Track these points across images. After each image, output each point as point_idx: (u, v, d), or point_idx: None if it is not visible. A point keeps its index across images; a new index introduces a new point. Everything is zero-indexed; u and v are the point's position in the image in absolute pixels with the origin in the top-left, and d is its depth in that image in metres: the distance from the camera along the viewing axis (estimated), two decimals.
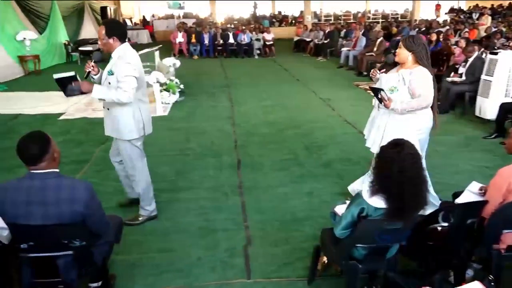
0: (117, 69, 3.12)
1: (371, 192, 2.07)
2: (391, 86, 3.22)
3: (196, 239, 3.32)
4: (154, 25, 22.76)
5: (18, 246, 2.07)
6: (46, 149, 2.06)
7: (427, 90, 3.13)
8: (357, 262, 2.23)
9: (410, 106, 3.15)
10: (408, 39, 3.23)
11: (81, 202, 2.05)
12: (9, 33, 10.54)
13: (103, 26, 3.18)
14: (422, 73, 3.14)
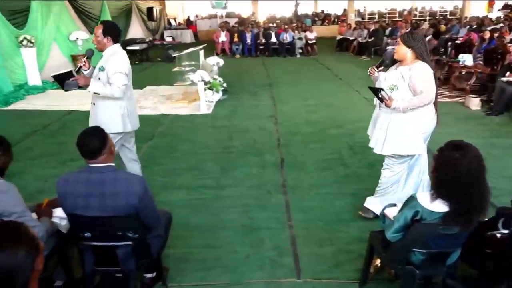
0: (108, 66, 3.30)
1: (430, 196, 2.00)
2: (391, 85, 3.12)
3: (241, 236, 3.34)
4: (197, 25, 23.17)
5: (82, 234, 2.16)
6: (104, 143, 2.16)
7: (428, 85, 3.00)
8: (414, 267, 2.16)
9: (412, 104, 3.04)
10: (406, 35, 3.11)
11: (135, 195, 2.12)
12: (63, 33, 11.08)
13: (101, 26, 3.37)
14: (422, 69, 3.02)
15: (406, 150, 3.19)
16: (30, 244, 1.21)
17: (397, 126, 3.16)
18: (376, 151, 3.37)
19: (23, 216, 2.11)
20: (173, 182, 4.35)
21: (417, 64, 3.05)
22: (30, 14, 9.51)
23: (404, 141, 3.16)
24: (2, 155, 2.20)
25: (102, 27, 3.35)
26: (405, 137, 3.15)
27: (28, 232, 1.24)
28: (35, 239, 1.25)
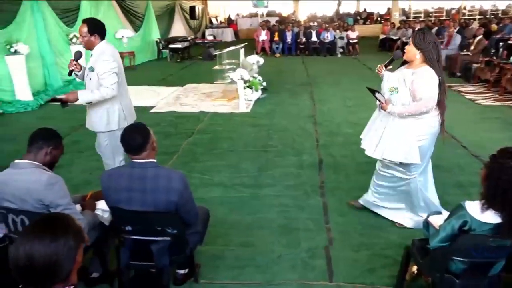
0: (97, 66, 3.25)
1: (481, 205, 1.89)
2: (391, 87, 2.98)
3: (277, 236, 3.32)
4: (238, 24, 23.33)
5: (123, 228, 2.22)
6: (147, 140, 2.20)
7: (428, 93, 2.83)
8: (454, 276, 2.06)
9: (407, 110, 2.90)
10: (418, 35, 2.90)
11: (175, 191, 2.14)
12: (110, 31, 11.40)
13: (85, 24, 3.27)
14: (426, 74, 2.84)
15: (398, 157, 3.05)
16: (76, 236, 1.25)
17: (393, 131, 3.04)
18: (368, 153, 3.27)
19: (68, 208, 2.19)
20: (211, 179, 4.39)
21: (422, 68, 2.88)
22: (80, 13, 9.93)
23: (397, 147, 3.03)
24: (53, 149, 2.29)
25: (86, 26, 3.26)
26: (399, 143, 3.01)
27: (75, 225, 1.27)
28: (81, 232, 1.28)
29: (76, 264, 1.26)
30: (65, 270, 1.22)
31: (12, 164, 2.23)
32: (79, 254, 1.27)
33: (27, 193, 2.14)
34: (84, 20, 3.36)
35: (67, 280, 1.24)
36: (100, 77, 3.27)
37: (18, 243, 1.19)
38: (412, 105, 2.89)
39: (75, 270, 1.27)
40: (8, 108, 7.27)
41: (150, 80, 10.21)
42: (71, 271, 1.25)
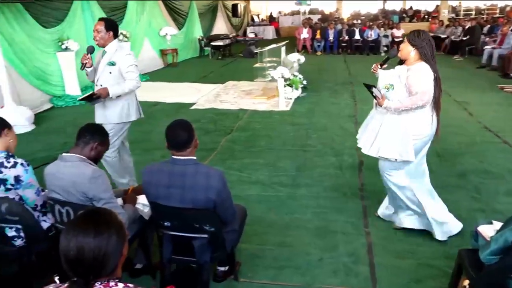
0: (119, 60, 3.45)
1: None
2: (387, 84, 2.98)
3: (314, 238, 3.26)
4: (279, 21, 23.25)
5: (162, 223, 2.25)
6: (191, 137, 2.22)
7: (423, 87, 2.83)
8: None
9: (404, 105, 2.88)
10: (412, 34, 2.94)
11: (214, 189, 2.14)
12: (154, 29, 11.77)
13: (102, 22, 3.47)
14: (420, 70, 2.86)
15: (393, 154, 3.02)
16: (119, 231, 1.27)
17: (388, 128, 3.03)
18: (363, 151, 3.24)
19: (110, 202, 2.25)
20: (249, 177, 4.39)
21: (417, 65, 2.90)
22: (127, 11, 10.24)
23: (392, 145, 3.01)
24: (99, 145, 2.36)
25: (103, 23, 3.45)
26: (394, 141, 3.00)
27: (118, 220, 1.30)
28: (123, 226, 1.30)
29: (122, 257, 1.28)
30: (112, 264, 1.24)
31: (60, 156, 2.31)
32: (125, 248, 1.29)
33: (72, 185, 2.21)
34: (101, 19, 3.58)
35: (112, 273, 1.26)
36: (125, 70, 3.46)
37: (66, 235, 1.22)
38: (408, 100, 2.88)
39: (120, 264, 1.29)
40: (58, 102, 7.62)
41: (191, 77, 10.38)
42: (117, 264, 1.27)
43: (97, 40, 3.47)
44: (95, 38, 3.46)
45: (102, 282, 1.23)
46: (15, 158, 2.37)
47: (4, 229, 2.38)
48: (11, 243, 2.41)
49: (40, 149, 5.33)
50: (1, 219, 2.33)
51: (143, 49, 11.15)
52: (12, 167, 2.32)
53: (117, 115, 3.60)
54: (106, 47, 3.50)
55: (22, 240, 2.42)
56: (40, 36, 7.34)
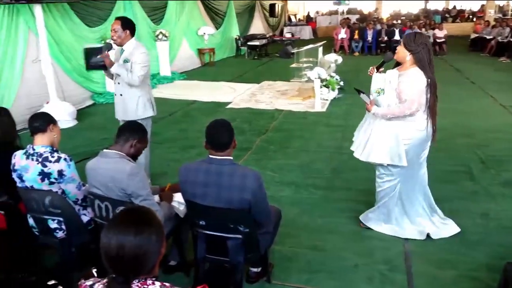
0: (133, 57, 3.53)
1: None
2: (378, 88, 2.93)
3: (349, 243, 3.19)
4: (317, 21, 23.02)
5: (197, 221, 2.27)
6: (232, 138, 2.23)
7: (413, 95, 2.77)
8: None
9: (391, 112, 2.86)
10: (409, 37, 2.87)
11: (250, 190, 2.13)
12: (193, 28, 11.95)
13: (119, 21, 3.53)
14: (412, 76, 2.80)
15: (384, 158, 2.99)
16: (159, 230, 1.28)
17: (379, 133, 2.99)
18: (355, 155, 3.22)
19: (147, 199, 2.29)
20: (283, 178, 4.36)
21: (410, 70, 2.84)
22: (167, 10, 10.45)
23: (383, 149, 2.98)
24: (138, 142, 2.40)
25: (120, 22, 3.51)
26: (385, 145, 2.97)
27: (157, 219, 1.31)
28: (162, 226, 1.31)
29: (160, 256, 1.29)
30: (151, 263, 1.26)
31: (101, 153, 2.38)
32: (163, 247, 1.30)
33: (111, 181, 2.26)
34: (118, 18, 3.65)
35: (151, 272, 1.27)
36: (133, 65, 3.55)
37: (107, 233, 1.24)
38: (396, 107, 2.86)
39: (158, 263, 1.30)
40: (99, 99, 7.87)
41: (227, 76, 10.45)
42: (156, 263, 1.28)
43: (114, 39, 3.56)
44: (113, 37, 3.55)
45: (140, 280, 1.24)
46: (59, 153, 2.45)
47: (47, 221, 2.47)
48: (53, 235, 2.51)
49: (81, 144, 5.52)
50: (45, 211, 2.42)
51: (181, 48, 11.34)
52: (56, 162, 2.40)
53: (136, 111, 3.71)
54: (123, 45, 3.61)
55: (63, 232, 2.50)
56: (84, 34, 7.60)
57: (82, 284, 1.33)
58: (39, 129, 2.42)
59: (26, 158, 2.42)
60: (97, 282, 1.31)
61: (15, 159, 2.46)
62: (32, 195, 2.42)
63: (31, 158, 2.40)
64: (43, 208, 2.41)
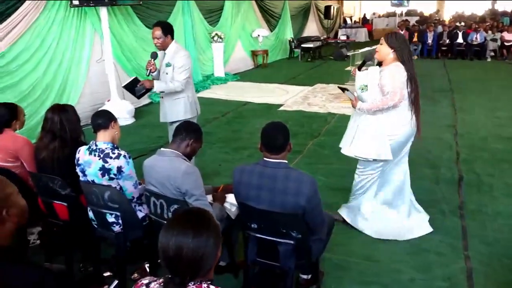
0: (175, 61, 3.59)
1: None
2: (361, 85, 3.02)
3: (404, 255, 3.03)
4: (373, 23, 22.42)
5: (249, 224, 2.25)
6: (288, 141, 2.19)
7: (395, 87, 2.86)
8: None
9: (375, 105, 2.94)
10: (390, 35, 3.00)
11: (304, 195, 2.08)
12: (247, 30, 12.06)
13: (159, 27, 3.58)
14: (394, 70, 2.90)
15: (370, 153, 3.07)
16: (217, 233, 1.27)
17: (364, 129, 3.07)
18: (343, 151, 3.27)
19: (200, 199, 2.30)
20: (335, 184, 4.25)
21: (391, 65, 2.94)
22: (223, 13, 10.62)
23: (369, 145, 3.06)
24: (194, 142, 2.43)
25: (160, 28, 3.56)
26: (370, 141, 3.05)
27: (215, 222, 1.29)
28: (219, 229, 1.30)
29: (216, 259, 1.28)
30: (208, 265, 1.25)
31: (158, 151, 2.43)
32: (219, 251, 1.28)
33: (167, 179, 2.30)
34: (157, 24, 3.69)
35: (206, 275, 1.26)
36: (176, 70, 3.61)
37: (165, 233, 1.24)
38: (379, 101, 2.93)
39: (214, 266, 1.29)
40: (156, 98, 8.12)
41: (280, 78, 10.43)
42: (212, 266, 1.27)
43: (157, 46, 3.64)
44: (156, 44, 3.63)
45: (196, 283, 1.24)
46: (119, 150, 2.53)
47: (106, 214, 2.56)
48: (111, 228, 2.60)
49: (138, 141, 5.73)
50: (104, 205, 2.51)
51: (235, 50, 11.48)
52: (116, 158, 2.48)
53: (179, 113, 3.78)
54: (166, 50, 3.67)
55: (119, 226, 2.58)
56: (145, 36, 7.88)
57: (139, 282, 1.34)
58: (102, 126, 2.52)
59: (89, 153, 2.52)
60: (153, 281, 1.32)
61: (79, 154, 2.57)
62: (92, 189, 2.52)
63: (94, 154, 2.50)
64: (102, 202, 2.50)
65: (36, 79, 5.72)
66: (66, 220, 2.71)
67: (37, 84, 5.76)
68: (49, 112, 2.77)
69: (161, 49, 3.68)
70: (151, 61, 3.65)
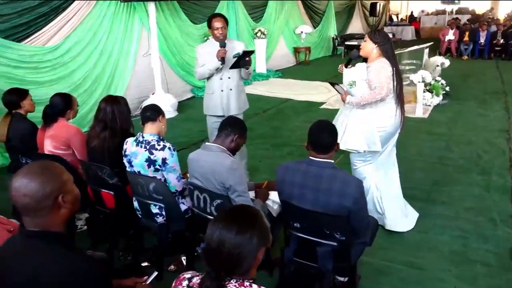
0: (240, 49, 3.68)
1: None
2: (350, 81, 3.15)
3: (450, 264, 2.90)
4: (421, 21, 21.60)
5: (291, 223, 2.22)
6: (336, 140, 2.15)
7: (381, 82, 3.00)
8: None
9: (364, 99, 3.08)
10: (373, 32, 3.16)
11: (350, 197, 2.03)
12: (290, 27, 11.98)
13: (222, 18, 3.65)
14: (380, 65, 3.05)
15: (361, 145, 3.18)
16: (263, 235, 1.25)
17: (354, 122, 3.17)
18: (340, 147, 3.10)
19: (243, 195, 2.30)
20: None
21: (377, 60, 3.07)
22: (266, 9, 10.60)
23: (359, 137, 3.16)
24: (238, 138, 2.44)
25: (223, 20, 3.65)
26: (361, 133, 3.16)
27: (263, 223, 1.28)
28: (267, 231, 1.28)
29: (256, 261, 1.27)
30: (246, 265, 1.24)
31: (203, 145, 2.46)
32: (261, 252, 1.27)
33: (212, 173, 2.32)
34: (219, 15, 3.76)
35: (246, 274, 1.26)
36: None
37: (212, 225, 1.25)
38: (367, 94, 3.06)
39: (254, 267, 1.28)
40: (198, 92, 8.26)
41: (322, 76, 10.24)
42: (251, 267, 1.26)
43: (222, 37, 3.65)
44: (221, 35, 3.63)
45: (238, 281, 1.23)
46: (164, 142, 2.59)
47: (150, 205, 2.63)
48: (154, 219, 2.66)
49: (180, 134, 5.84)
50: (148, 196, 2.58)
51: (277, 46, 11.43)
52: (161, 150, 2.53)
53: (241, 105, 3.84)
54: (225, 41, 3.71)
55: (163, 218, 2.64)
56: (190, 31, 8.03)
57: (181, 276, 1.36)
58: (150, 118, 2.58)
59: (136, 144, 2.59)
60: (195, 276, 1.33)
61: (127, 145, 2.65)
62: (138, 180, 2.58)
63: (140, 145, 2.57)
64: (147, 193, 2.56)
65: (87, 71, 5.96)
66: (112, 209, 2.81)
67: (88, 76, 5.99)
68: (102, 102, 2.87)
69: (223, 40, 3.68)
70: (221, 49, 3.63)
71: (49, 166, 1.35)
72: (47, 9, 5.30)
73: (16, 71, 5.05)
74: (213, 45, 3.68)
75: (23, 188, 1.27)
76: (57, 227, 1.35)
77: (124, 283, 1.61)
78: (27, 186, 1.27)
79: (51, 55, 5.46)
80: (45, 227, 1.32)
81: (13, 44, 4.98)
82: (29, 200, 1.27)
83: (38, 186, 1.28)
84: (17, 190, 1.28)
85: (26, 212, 1.31)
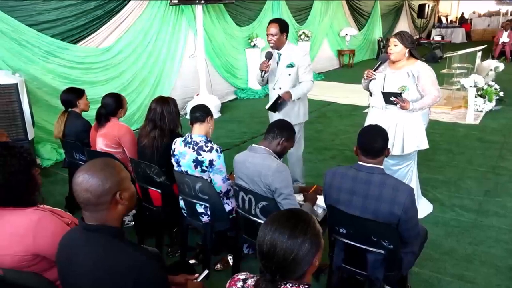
0: (298, 61, 3.44)
1: None
2: (402, 86, 3.07)
3: (506, 280, 2.74)
4: (472, 23, 20.67)
5: (337, 229, 2.19)
6: (386, 145, 2.09)
7: (436, 84, 3.08)
8: None
9: (426, 104, 3.09)
10: (401, 35, 3.08)
11: (401, 205, 1.97)
12: (335, 29, 11.83)
13: (276, 24, 3.39)
14: (428, 68, 3.10)
15: (412, 147, 3.18)
16: (314, 240, 1.23)
17: (404, 125, 3.14)
18: (395, 153, 3.19)
19: (288, 198, 2.29)
20: (425, 194, 3.97)
21: (421, 64, 3.09)
22: (311, 11, 10.53)
23: (412, 139, 3.16)
24: (285, 141, 2.43)
25: (277, 25, 3.38)
26: (412, 136, 3.16)
27: (316, 229, 1.26)
28: (320, 236, 1.26)
29: (312, 267, 1.25)
30: (300, 270, 1.22)
31: (250, 147, 2.47)
32: (317, 258, 1.25)
33: (258, 175, 2.33)
34: (274, 20, 3.50)
35: (301, 279, 1.25)
36: (302, 71, 3.48)
37: (264, 228, 1.25)
38: (428, 99, 3.06)
39: (310, 272, 1.27)
40: (241, 94, 8.34)
41: None
42: (307, 272, 1.25)
43: (272, 43, 3.43)
44: (271, 42, 3.41)
45: (293, 285, 1.22)
46: (212, 143, 2.62)
47: (195, 204, 2.67)
48: (199, 218, 2.70)
49: (223, 135, 5.91)
50: (194, 196, 2.62)
51: (321, 48, 11.32)
52: (209, 151, 2.57)
53: (296, 117, 3.58)
54: (281, 49, 3.48)
55: (208, 217, 2.67)
56: (234, 33, 8.12)
57: (235, 276, 1.36)
58: (199, 119, 2.63)
59: (184, 145, 2.64)
60: (250, 277, 1.33)
61: (175, 145, 2.71)
62: (185, 179, 2.63)
63: (188, 146, 2.62)
64: (193, 192, 2.61)
65: (135, 72, 6.17)
66: (159, 206, 2.88)
67: (136, 76, 6.21)
68: (153, 102, 2.96)
69: (275, 48, 3.47)
70: (266, 61, 3.44)
71: (109, 163, 1.40)
72: (102, 12, 5.54)
73: (71, 72, 5.31)
74: (274, 52, 3.55)
75: (85, 183, 1.33)
76: (114, 222, 1.40)
77: (175, 279, 1.64)
78: (88, 181, 1.33)
79: (103, 56, 5.71)
80: (104, 222, 1.37)
81: (69, 45, 5.25)
82: (89, 195, 1.33)
83: (98, 182, 1.33)
84: (79, 184, 1.34)
85: (87, 206, 1.36)
